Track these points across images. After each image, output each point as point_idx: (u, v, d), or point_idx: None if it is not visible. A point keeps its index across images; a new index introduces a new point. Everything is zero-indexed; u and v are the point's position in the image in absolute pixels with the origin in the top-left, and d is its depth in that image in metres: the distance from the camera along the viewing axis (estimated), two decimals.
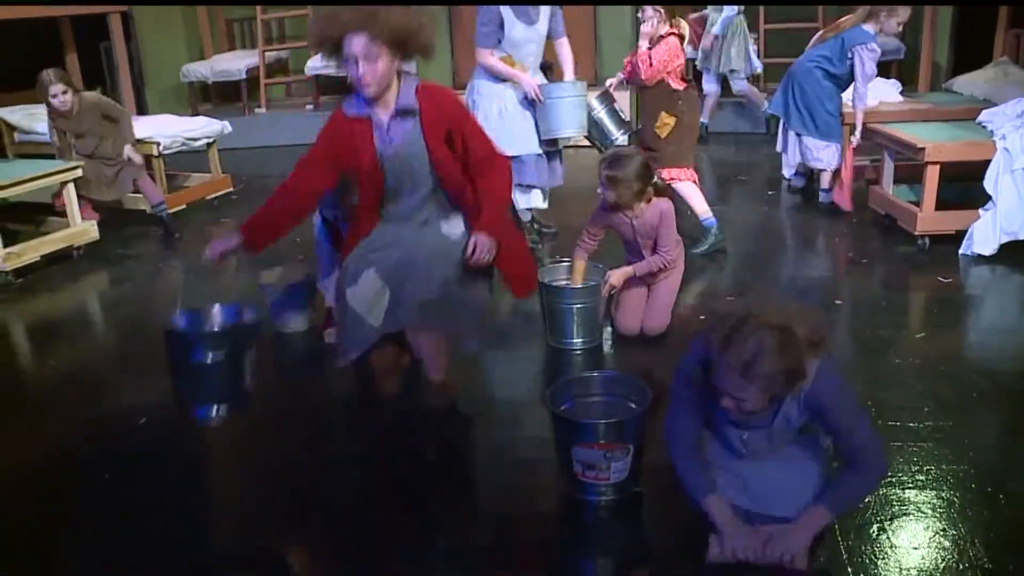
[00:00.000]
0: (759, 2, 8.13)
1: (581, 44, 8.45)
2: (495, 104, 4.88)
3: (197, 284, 4.79)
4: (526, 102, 4.86)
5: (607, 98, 5.27)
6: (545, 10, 4.82)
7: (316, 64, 8.69)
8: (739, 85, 7.91)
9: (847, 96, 5.79)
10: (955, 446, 3.07)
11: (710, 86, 7.94)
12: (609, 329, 4.12)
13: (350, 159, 3.06)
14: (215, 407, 3.10)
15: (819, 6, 8.08)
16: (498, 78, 4.85)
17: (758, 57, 7.93)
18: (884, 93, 6.27)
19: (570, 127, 4.92)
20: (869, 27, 5.46)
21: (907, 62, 8.14)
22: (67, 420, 3.63)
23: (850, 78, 5.61)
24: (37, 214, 6.00)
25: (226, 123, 6.84)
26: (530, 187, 5.05)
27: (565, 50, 5.04)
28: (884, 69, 6.59)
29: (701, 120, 8.00)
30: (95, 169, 5.79)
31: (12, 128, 6.88)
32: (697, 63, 7.97)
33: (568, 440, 2.79)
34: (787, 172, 6.46)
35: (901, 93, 6.54)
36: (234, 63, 8.86)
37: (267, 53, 8.95)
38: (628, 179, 3.83)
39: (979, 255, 4.80)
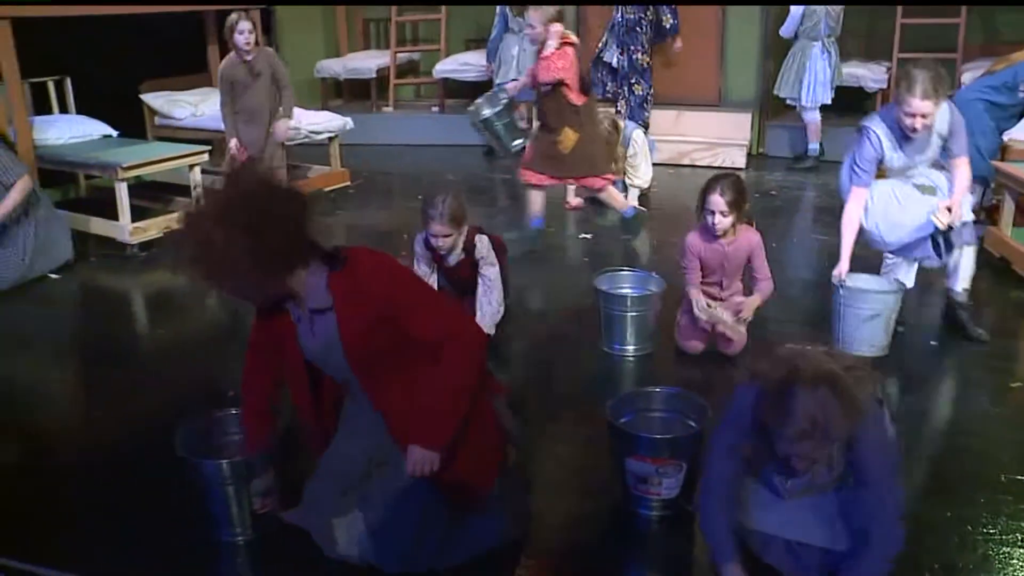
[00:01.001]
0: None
1: (706, 61, 8.43)
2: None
3: None
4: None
5: (509, 106, 5.64)
6: (937, 134, 3.97)
7: (444, 67, 8.92)
8: (806, 115, 7.64)
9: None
10: None
11: (804, 114, 7.69)
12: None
13: (280, 352, 2.56)
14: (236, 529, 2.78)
15: (959, 35, 7.76)
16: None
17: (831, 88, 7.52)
18: (1016, 130, 5.98)
19: (865, 344, 3.94)
20: None
21: None
22: (165, 385, 3.90)
23: (1020, 114, 5.40)
24: (168, 193, 6.38)
25: (349, 119, 7.10)
26: None
27: (958, 171, 4.02)
28: None
29: (812, 145, 7.78)
30: (248, 136, 5.98)
31: (154, 112, 7.33)
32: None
33: (622, 451, 2.83)
34: None
35: None
36: (366, 62, 9.17)
37: (399, 54, 9.22)
38: (743, 200, 3.85)
39: None
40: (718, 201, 3.79)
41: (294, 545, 2.69)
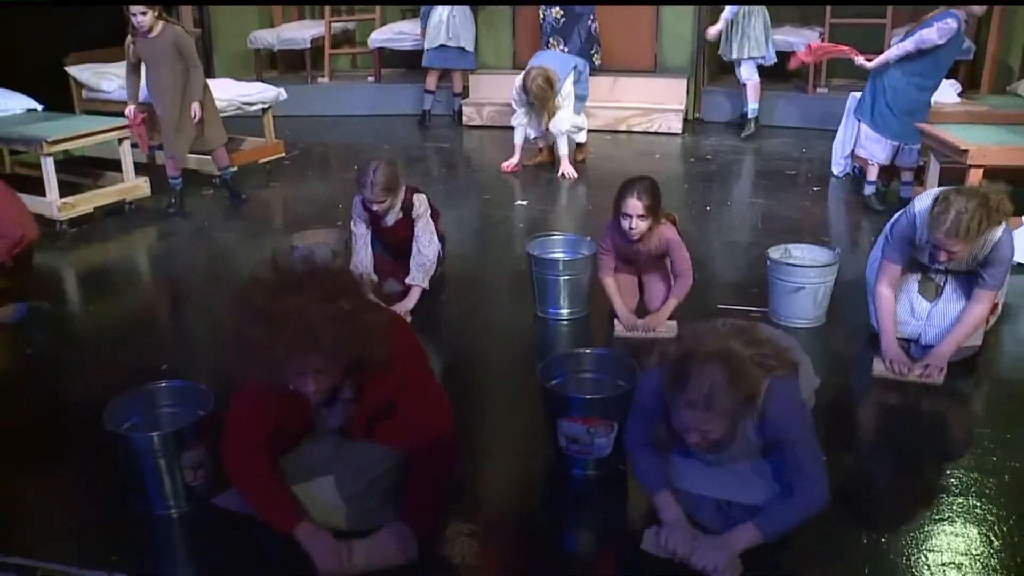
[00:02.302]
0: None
1: (641, 28, 8.46)
2: None
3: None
4: None
5: None
6: (972, 256, 3.45)
7: (379, 37, 8.83)
8: (749, 73, 7.65)
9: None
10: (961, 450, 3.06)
11: (750, 73, 7.69)
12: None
13: (282, 420, 2.58)
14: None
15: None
16: None
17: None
18: (941, 94, 6.11)
19: (793, 316, 3.98)
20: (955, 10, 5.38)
21: (978, 65, 7.91)
22: (99, 361, 3.86)
23: (934, 75, 5.52)
24: (97, 168, 6.25)
25: (282, 90, 6.97)
26: None
27: (971, 307, 3.53)
28: (952, 70, 6.38)
29: (753, 105, 7.82)
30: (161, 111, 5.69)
31: (81, 86, 7.16)
32: (723, 54, 7.75)
33: (554, 413, 2.86)
34: (835, 169, 6.40)
35: (960, 95, 6.39)
36: (300, 32, 9.02)
37: (334, 24, 9.09)
38: (659, 203, 3.74)
39: (1019, 264, 4.69)
40: (635, 205, 3.67)
41: (230, 516, 2.69)
